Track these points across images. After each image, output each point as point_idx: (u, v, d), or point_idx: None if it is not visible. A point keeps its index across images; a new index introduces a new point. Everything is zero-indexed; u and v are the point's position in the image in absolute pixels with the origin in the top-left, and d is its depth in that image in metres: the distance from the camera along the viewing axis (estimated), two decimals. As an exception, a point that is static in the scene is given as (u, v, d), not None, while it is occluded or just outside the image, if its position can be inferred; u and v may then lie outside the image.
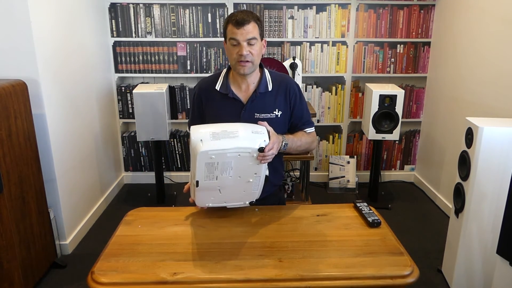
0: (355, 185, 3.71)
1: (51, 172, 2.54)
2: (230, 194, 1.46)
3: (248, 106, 1.62)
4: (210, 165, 1.32)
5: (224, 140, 1.31)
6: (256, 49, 1.54)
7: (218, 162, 1.32)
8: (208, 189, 1.40)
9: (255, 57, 1.54)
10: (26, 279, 2.24)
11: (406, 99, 3.69)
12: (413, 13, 3.53)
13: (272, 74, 1.68)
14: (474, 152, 2.11)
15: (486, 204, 2.15)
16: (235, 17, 1.51)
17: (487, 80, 2.75)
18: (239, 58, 1.53)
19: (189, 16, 3.48)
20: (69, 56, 2.79)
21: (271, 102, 1.64)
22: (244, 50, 1.51)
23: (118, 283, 1.22)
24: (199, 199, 1.46)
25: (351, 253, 1.35)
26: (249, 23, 1.50)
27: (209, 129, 1.35)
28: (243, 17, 1.50)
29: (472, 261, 2.26)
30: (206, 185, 1.37)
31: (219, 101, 1.65)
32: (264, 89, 1.63)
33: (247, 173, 1.40)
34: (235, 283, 1.22)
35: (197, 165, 1.31)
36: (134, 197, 3.60)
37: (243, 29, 1.50)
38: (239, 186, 1.43)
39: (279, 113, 1.64)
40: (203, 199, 1.46)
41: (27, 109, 2.26)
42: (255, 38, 1.52)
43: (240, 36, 1.50)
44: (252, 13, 1.55)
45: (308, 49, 3.57)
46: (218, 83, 1.65)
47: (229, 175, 1.37)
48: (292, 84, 1.68)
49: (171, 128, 3.48)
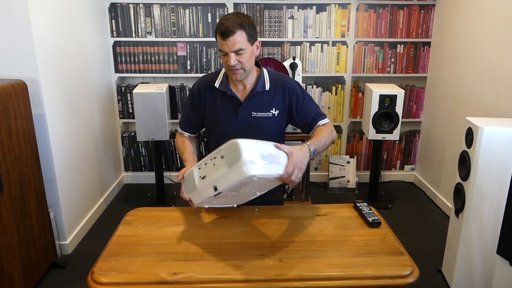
0: (355, 185, 3.71)
1: (51, 172, 2.54)
2: (230, 200, 1.41)
3: (245, 104, 1.63)
4: (245, 183, 1.23)
5: (272, 165, 1.26)
6: (246, 57, 1.52)
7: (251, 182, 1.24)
8: (219, 197, 1.32)
9: (245, 64, 1.53)
10: (26, 279, 2.24)
11: (406, 99, 3.69)
12: (413, 13, 3.53)
13: (271, 74, 1.68)
14: (474, 152, 2.11)
15: (486, 204, 2.15)
16: (221, 26, 1.48)
17: (487, 80, 2.75)
18: (229, 67, 1.54)
19: (189, 16, 3.48)
20: (69, 56, 2.79)
21: (268, 101, 1.65)
22: (231, 61, 1.50)
23: (118, 283, 1.22)
24: (202, 202, 1.35)
25: (351, 253, 1.35)
26: (234, 34, 1.46)
27: (258, 150, 1.26)
28: (227, 27, 1.46)
29: (472, 261, 2.26)
30: (222, 195, 1.30)
31: (218, 98, 1.66)
32: (261, 89, 1.64)
33: (264, 188, 1.40)
34: (235, 283, 1.22)
35: (234, 182, 1.21)
36: (134, 197, 3.60)
37: (229, 40, 1.47)
38: (245, 196, 1.40)
39: (276, 112, 1.65)
40: (205, 202, 1.37)
41: (27, 109, 2.26)
42: (241, 49, 1.49)
43: (227, 48, 1.49)
44: (240, 18, 1.49)
45: (308, 49, 3.57)
46: (218, 80, 1.66)
47: (251, 190, 1.35)
48: (290, 84, 1.67)
49: (171, 128, 3.47)
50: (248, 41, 1.51)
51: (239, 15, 1.51)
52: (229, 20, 1.48)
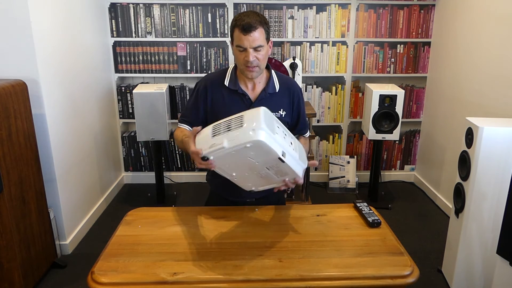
0: (355, 185, 3.71)
1: (51, 172, 2.54)
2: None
3: (256, 103, 1.62)
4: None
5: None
6: (263, 53, 1.53)
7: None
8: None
9: (261, 61, 1.54)
10: (26, 279, 2.24)
11: (406, 99, 3.69)
12: (413, 13, 3.53)
13: (278, 75, 1.70)
14: (474, 152, 2.11)
15: (486, 204, 2.15)
16: (241, 21, 1.48)
17: (487, 80, 2.75)
18: (246, 64, 1.53)
19: (189, 16, 3.48)
20: (69, 56, 2.79)
21: (277, 102, 1.66)
22: (250, 57, 1.50)
23: (118, 283, 1.22)
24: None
25: (351, 253, 1.35)
26: (256, 30, 1.47)
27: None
28: (249, 23, 1.46)
29: (472, 261, 2.26)
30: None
31: (228, 96, 1.64)
32: (272, 90, 1.65)
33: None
34: (235, 283, 1.22)
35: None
36: (134, 197, 3.60)
37: (250, 36, 1.47)
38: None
39: (283, 113, 1.67)
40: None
41: (27, 109, 2.26)
42: (261, 46, 1.51)
43: (247, 43, 1.49)
44: (259, 16, 1.51)
45: (308, 49, 3.57)
46: (227, 78, 1.65)
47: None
48: (296, 87, 1.72)
49: (171, 128, 3.47)
50: (266, 39, 1.53)
51: (257, 13, 1.53)
52: (250, 16, 1.49)
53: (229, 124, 1.28)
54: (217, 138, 1.26)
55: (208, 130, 1.33)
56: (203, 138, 1.32)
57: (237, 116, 1.29)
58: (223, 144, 1.23)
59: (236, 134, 1.22)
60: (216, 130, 1.30)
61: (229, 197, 1.72)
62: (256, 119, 1.23)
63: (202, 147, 1.28)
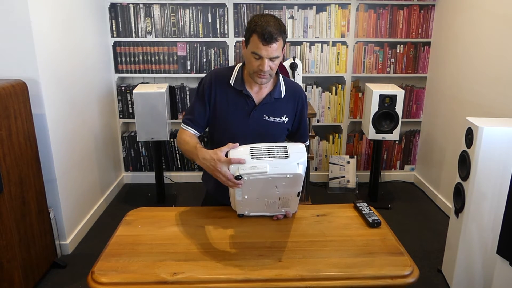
0: (355, 185, 3.71)
1: (51, 172, 2.54)
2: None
3: (259, 107, 1.61)
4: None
5: None
6: (277, 63, 1.51)
7: None
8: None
9: (274, 70, 1.52)
10: (26, 279, 2.24)
11: (406, 99, 3.69)
12: (413, 13, 3.53)
13: (286, 81, 1.68)
14: (474, 152, 2.11)
15: (486, 204, 2.15)
16: (263, 29, 1.42)
17: (487, 80, 2.75)
18: (258, 71, 1.50)
19: (189, 16, 3.48)
20: (69, 56, 2.79)
21: (281, 108, 1.64)
22: (266, 67, 1.47)
23: (118, 283, 1.22)
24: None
25: (351, 253, 1.35)
26: (277, 42, 1.43)
27: None
28: (271, 33, 1.41)
29: (472, 261, 2.26)
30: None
31: (232, 96, 1.61)
32: (278, 95, 1.63)
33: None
34: (235, 283, 1.22)
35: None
36: (134, 197, 3.60)
37: (269, 47, 1.43)
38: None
39: (286, 119, 1.65)
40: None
41: (27, 109, 2.26)
42: (277, 57, 1.48)
43: (265, 53, 1.44)
44: (280, 24, 1.46)
45: (308, 49, 3.57)
46: (232, 78, 1.62)
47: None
48: (302, 95, 1.69)
49: (171, 128, 3.47)
50: (282, 48, 1.50)
51: (278, 20, 1.47)
52: (271, 25, 1.43)
53: (271, 151, 1.37)
54: (258, 161, 1.35)
55: (246, 150, 1.38)
56: (240, 157, 1.38)
57: (279, 146, 1.39)
58: (266, 169, 1.32)
59: (279, 162, 1.34)
60: (255, 153, 1.37)
61: (223, 200, 1.66)
62: (302, 155, 1.37)
63: (239, 167, 1.35)
